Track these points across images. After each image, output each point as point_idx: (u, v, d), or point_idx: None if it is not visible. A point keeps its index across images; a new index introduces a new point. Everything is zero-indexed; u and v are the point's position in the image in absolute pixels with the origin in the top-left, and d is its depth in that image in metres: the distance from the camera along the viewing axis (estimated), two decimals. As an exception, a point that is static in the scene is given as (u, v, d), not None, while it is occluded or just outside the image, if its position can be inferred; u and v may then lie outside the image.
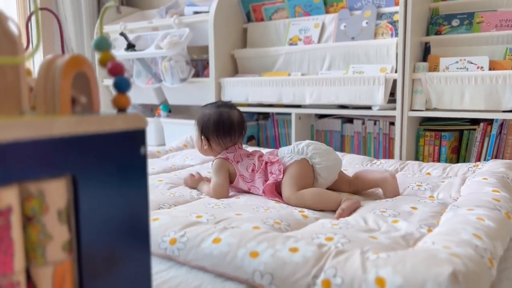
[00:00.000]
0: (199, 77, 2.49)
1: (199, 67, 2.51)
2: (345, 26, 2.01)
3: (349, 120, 2.09)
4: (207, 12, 2.33)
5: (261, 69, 2.24)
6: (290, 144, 2.08)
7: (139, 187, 0.62)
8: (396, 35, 1.86)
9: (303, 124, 2.11)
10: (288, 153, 1.27)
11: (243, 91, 2.16)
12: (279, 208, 1.12)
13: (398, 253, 0.71)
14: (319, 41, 2.09)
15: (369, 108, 1.87)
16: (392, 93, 1.83)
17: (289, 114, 2.07)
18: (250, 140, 2.34)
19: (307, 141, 1.29)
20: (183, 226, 0.91)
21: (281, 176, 1.21)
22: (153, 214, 1.00)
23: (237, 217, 1.01)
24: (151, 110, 2.87)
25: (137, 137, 0.62)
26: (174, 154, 1.99)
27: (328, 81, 1.90)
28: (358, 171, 1.32)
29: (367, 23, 1.96)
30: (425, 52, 1.89)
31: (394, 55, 1.83)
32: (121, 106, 0.62)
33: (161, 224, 0.93)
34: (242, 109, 2.19)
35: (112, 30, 2.71)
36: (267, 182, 1.23)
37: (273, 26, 2.25)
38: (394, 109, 1.79)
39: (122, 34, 2.52)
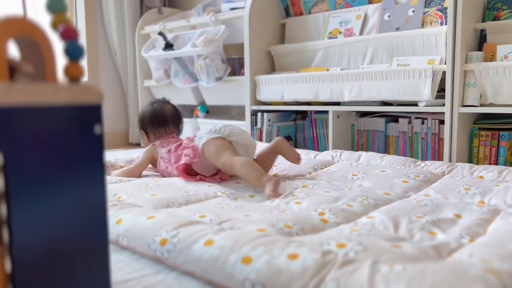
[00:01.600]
0: (236, 76, 2.40)
1: (236, 66, 2.42)
2: (389, 16, 1.83)
3: (394, 119, 1.90)
4: (244, 8, 2.25)
5: (299, 65, 2.11)
6: (329, 147, 1.93)
7: (92, 174, 0.52)
8: (447, 23, 1.66)
9: (343, 123, 1.95)
10: (205, 133, 1.34)
11: (279, 89, 2.04)
12: (297, 211, 0.99)
13: (418, 266, 0.55)
14: (360, 33, 1.92)
15: (415, 104, 1.68)
16: (443, 89, 1.64)
17: (327, 112, 1.92)
18: (287, 140, 2.20)
19: (224, 123, 1.38)
20: (177, 225, 0.81)
21: (196, 159, 1.29)
22: (151, 212, 0.91)
23: (244, 218, 0.89)
24: (191, 111, 2.83)
25: (90, 113, 0.52)
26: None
27: (369, 75, 1.74)
28: (257, 157, 1.38)
29: (413, 11, 1.78)
30: (480, 41, 1.67)
31: (444, 45, 1.63)
32: (73, 76, 0.52)
33: (155, 222, 0.83)
34: (277, 107, 2.09)
35: (153, 30, 2.70)
36: (179, 163, 1.31)
37: (312, 20, 2.12)
38: (443, 105, 1.59)
39: (160, 33, 2.50)
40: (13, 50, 0.51)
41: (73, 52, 0.52)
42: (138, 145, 2.92)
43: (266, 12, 2.18)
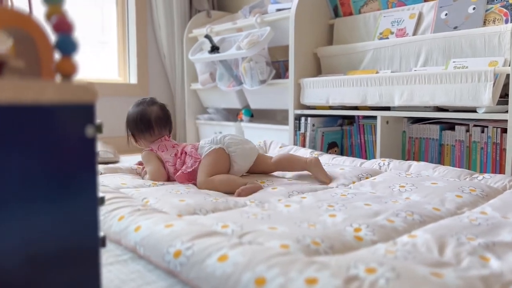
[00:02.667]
0: (281, 79, 2.34)
1: (281, 69, 2.36)
2: (446, 15, 1.69)
3: (450, 126, 1.74)
4: (290, 9, 2.17)
5: (347, 67, 2.01)
6: (377, 155, 1.80)
7: (81, 179, 0.47)
8: (513, 20, 1.49)
9: (392, 130, 1.82)
10: (207, 143, 1.41)
11: (324, 92, 1.95)
12: (330, 225, 0.90)
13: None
14: (414, 33, 1.79)
15: (473, 111, 1.53)
16: (507, 94, 1.47)
17: (375, 117, 1.80)
18: (332, 147, 2.10)
19: (226, 133, 1.45)
20: (194, 236, 0.75)
21: (190, 169, 1.36)
22: (171, 220, 0.86)
23: (268, 231, 0.81)
24: (236, 115, 2.79)
25: (81, 114, 0.47)
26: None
27: (422, 79, 1.60)
28: (280, 158, 1.46)
29: (474, 8, 1.62)
30: (553, 40, 1.49)
31: (508, 45, 1.47)
32: (65, 72, 0.48)
33: (172, 231, 0.78)
34: (322, 112, 1.99)
35: (201, 33, 2.69)
36: (178, 173, 1.38)
37: (362, 20, 2.01)
38: (506, 111, 1.43)
39: (207, 36, 2.49)
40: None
41: (65, 46, 0.47)
42: (184, 147, 2.92)
43: (313, 13, 2.10)
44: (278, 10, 2.23)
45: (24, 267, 0.44)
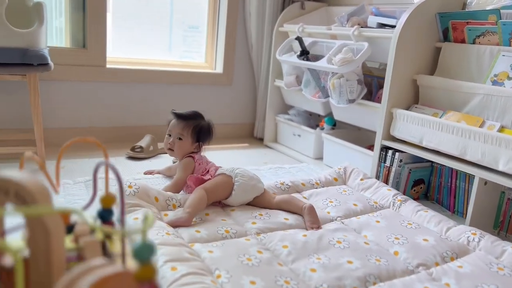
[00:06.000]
0: (372, 96, 2.18)
1: (374, 86, 2.19)
2: None
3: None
4: (393, 26, 1.97)
5: (448, 105, 1.81)
6: (467, 210, 1.65)
7: None
8: None
9: (491, 189, 1.64)
10: (224, 170, 1.62)
11: (418, 131, 1.79)
12: None
13: None
14: (537, 85, 1.54)
15: None
16: None
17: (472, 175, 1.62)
18: (418, 184, 1.96)
19: (241, 168, 1.63)
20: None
21: (205, 177, 1.61)
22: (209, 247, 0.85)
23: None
24: (318, 121, 2.68)
25: None
26: (319, 191, 1.79)
27: (537, 148, 1.40)
28: (281, 199, 1.60)
29: None
30: None
31: None
32: None
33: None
34: (414, 151, 1.83)
35: (291, 29, 2.56)
36: (194, 175, 1.63)
37: (475, 52, 1.76)
38: None
39: (298, 38, 2.36)
40: None
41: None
42: (261, 140, 2.90)
43: (419, 33, 1.88)
44: (381, 25, 2.03)
45: None
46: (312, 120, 2.66)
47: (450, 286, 1.19)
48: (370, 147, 2.20)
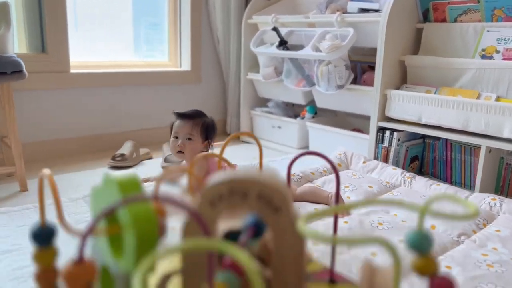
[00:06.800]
0: (356, 81, 2.22)
1: (358, 71, 2.23)
2: None
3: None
4: (377, 10, 2.02)
5: (439, 82, 1.89)
6: (465, 177, 1.74)
7: None
8: None
9: (492, 158, 1.74)
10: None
11: (416, 109, 1.85)
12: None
13: None
14: (525, 56, 1.67)
15: None
16: None
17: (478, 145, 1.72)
18: (413, 161, 2.04)
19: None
20: None
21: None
22: None
23: None
24: (292, 106, 2.69)
25: None
26: (330, 179, 1.79)
27: (538, 113, 1.51)
28: (303, 191, 1.57)
29: None
30: None
31: None
32: None
33: None
34: (413, 129, 1.90)
35: (262, 21, 2.52)
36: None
37: (458, 30, 1.87)
38: None
39: (274, 29, 2.33)
40: None
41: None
42: (237, 137, 2.84)
43: (402, 17, 1.95)
44: (362, 10, 2.07)
45: None
46: (290, 110, 2.66)
47: (498, 250, 1.24)
48: (354, 131, 2.24)
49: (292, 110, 2.67)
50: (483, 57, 1.78)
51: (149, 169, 2.05)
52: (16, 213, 1.45)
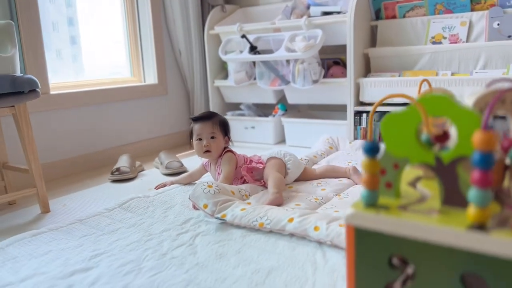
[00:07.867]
0: (325, 77, 2.51)
1: (325, 66, 2.53)
2: (498, 25, 2.02)
3: None
4: (339, 12, 2.34)
5: (400, 68, 2.26)
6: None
7: None
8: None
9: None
10: (270, 155, 1.76)
11: (386, 91, 2.19)
12: None
13: None
14: (467, 39, 2.10)
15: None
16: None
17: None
18: (385, 137, 2.38)
19: (281, 149, 1.80)
20: None
21: (259, 166, 1.73)
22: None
23: None
24: (271, 109, 2.90)
25: None
26: (331, 159, 2.04)
27: (486, 82, 1.93)
28: (323, 170, 1.79)
29: (523, 20, 1.97)
30: None
31: (561, 53, 1.86)
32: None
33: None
34: (385, 109, 2.24)
35: (224, 31, 2.71)
36: (245, 166, 1.72)
37: (409, 24, 2.26)
38: None
39: (243, 36, 2.53)
40: None
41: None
42: (207, 143, 2.95)
43: (361, 16, 2.29)
44: (325, 13, 2.37)
45: None
46: (260, 110, 2.86)
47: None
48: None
49: (262, 111, 2.88)
50: (433, 43, 2.19)
51: (152, 179, 2.09)
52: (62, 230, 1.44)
